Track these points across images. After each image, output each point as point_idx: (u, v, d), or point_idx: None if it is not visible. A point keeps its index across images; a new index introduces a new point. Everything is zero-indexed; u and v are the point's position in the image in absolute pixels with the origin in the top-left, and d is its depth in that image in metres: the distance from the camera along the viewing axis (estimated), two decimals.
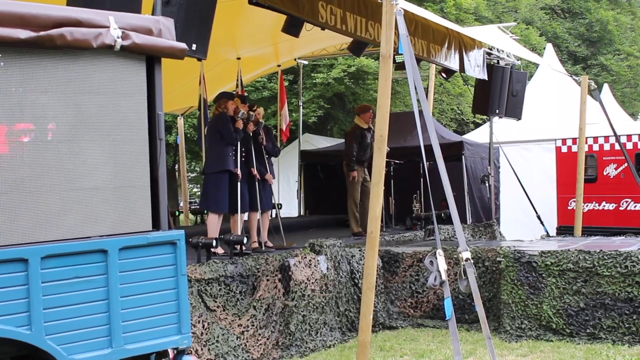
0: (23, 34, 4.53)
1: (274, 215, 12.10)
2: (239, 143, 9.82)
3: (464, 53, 13.13)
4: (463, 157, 15.13)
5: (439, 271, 6.34)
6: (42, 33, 4.62)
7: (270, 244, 10.43)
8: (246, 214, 10.21)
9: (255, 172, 10.09)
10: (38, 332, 4.59)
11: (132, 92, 5.18)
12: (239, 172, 9.67)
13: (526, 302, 9.19)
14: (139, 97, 5.23)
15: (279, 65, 16.36)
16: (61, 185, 4.82)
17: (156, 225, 5.33)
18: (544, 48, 22.90)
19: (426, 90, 16.41)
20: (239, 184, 9.68)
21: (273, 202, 10.87)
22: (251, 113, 10.07)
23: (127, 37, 5.02)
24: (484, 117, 19.61)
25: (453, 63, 12.92)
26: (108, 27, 4.95)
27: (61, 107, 4.81)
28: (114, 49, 4.97)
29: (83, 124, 4.92)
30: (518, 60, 15.17)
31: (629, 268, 8.74)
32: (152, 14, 6.75)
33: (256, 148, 10.28)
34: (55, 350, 4.64)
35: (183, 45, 5.43)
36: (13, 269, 4.52)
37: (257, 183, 10.11)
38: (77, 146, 4.89)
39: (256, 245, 10.20)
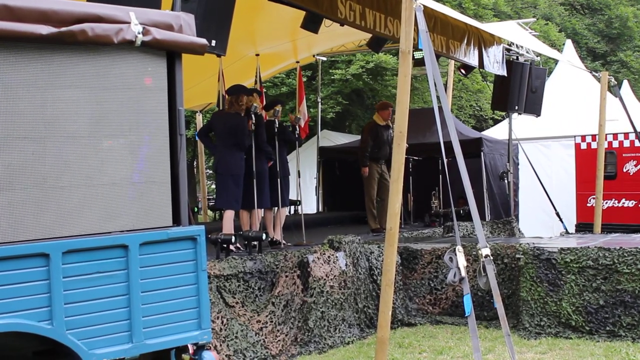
0: (45, 29, 4.56)
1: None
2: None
3: (483, 49, 13.09)
4: (482, 153, 15.07)
5: (458, 267, 6.32)
6: (63, 29, 4.64)
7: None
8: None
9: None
10: (59, 327, 4.62)
11: (153, 87, 5.19)
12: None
13: (545, 300, 9.14)
14: (160, 93, 5.24)
15: (297, 62, 16.37)
16: (82, 181, 4.84)
17: (177, 221, 5.35)
18: (564, 44, 22.76)
19: (445, 86, 16.38)
20: (254, 180, 9.73)
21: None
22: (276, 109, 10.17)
23: (148, 32, 5.04)
24: (503, 113, 19.54)
25: (472, 59, 12.88)
26: (129, 22, 4.97)
27: (82, 103, 4.84)
28: (135, 44, 5.00)
29: (104, 120, 4.94)
30: (537, 56, 15.10)
31: None
32: (172, 10, 6.76)
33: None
34: (76, 345, 4.67)
35: (203, 40, 5.44)
36: (35, 263, 4.55)
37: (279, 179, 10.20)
38: (98, 142, 4.91)
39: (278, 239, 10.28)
